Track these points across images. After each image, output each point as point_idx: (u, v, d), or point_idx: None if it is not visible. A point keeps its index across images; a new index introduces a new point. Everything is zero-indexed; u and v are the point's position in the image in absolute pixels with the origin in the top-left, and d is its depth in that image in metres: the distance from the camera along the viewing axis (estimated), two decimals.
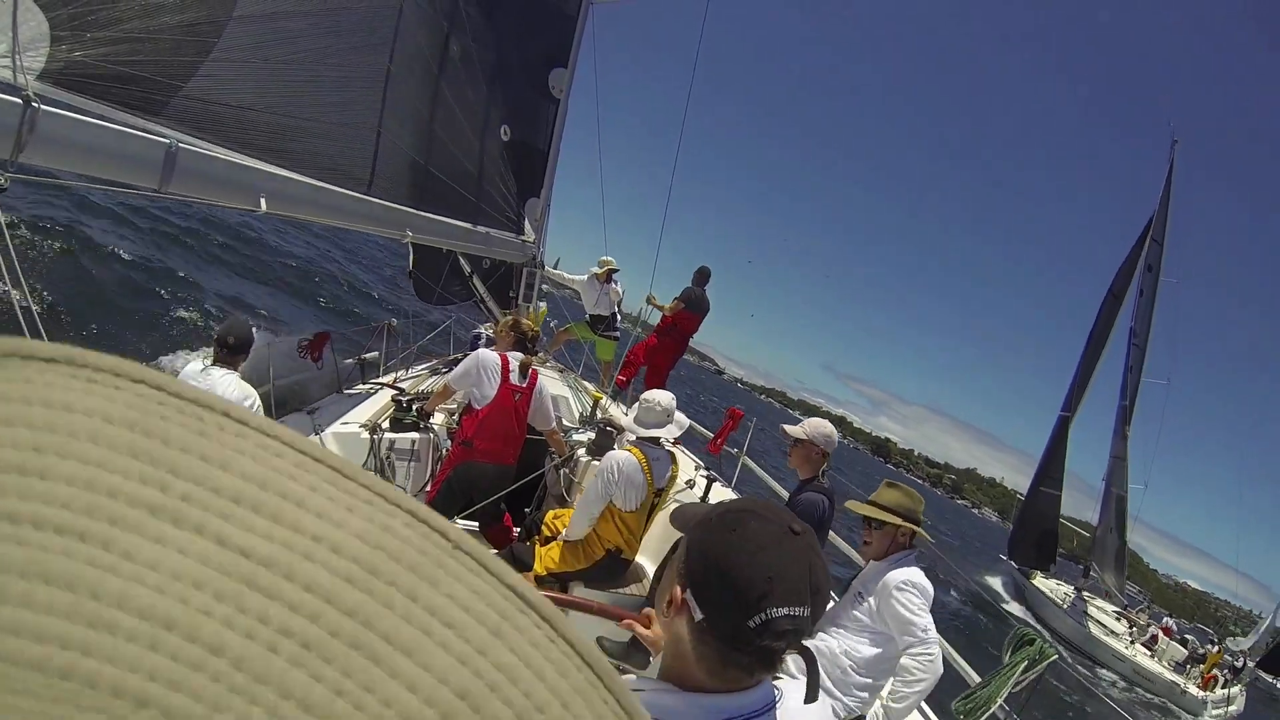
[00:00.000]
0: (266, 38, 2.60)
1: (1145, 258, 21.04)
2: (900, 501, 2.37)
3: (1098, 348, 21.55)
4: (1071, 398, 21.61)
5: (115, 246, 10.64)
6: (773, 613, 0.74)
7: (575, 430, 4.90)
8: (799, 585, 0.76)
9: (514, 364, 3.68)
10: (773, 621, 0.74)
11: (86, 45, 2.10)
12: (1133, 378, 21.39)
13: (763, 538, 0.78)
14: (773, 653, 0.77)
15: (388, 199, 3.41)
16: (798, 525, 0.80)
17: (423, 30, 3.84)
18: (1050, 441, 22.01)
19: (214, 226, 14.06)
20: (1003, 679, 2.54)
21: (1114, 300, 21.48)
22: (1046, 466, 21.84)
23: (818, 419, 3.25)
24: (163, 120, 2.26)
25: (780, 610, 0.74)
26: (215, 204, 2.35)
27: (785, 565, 0.76)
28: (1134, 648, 17.24)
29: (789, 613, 0.75)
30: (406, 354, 5.81)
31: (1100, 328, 21.59)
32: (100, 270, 9.78)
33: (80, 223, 10.75)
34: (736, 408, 4.92)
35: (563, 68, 5.50)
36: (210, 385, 2.88)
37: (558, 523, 3.63)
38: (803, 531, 0.80)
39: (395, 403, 4.18)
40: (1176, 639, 18.34)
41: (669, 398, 3.35)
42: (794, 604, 0.75)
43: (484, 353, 3.70)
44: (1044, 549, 21.37)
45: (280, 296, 12.85)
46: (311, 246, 18.05)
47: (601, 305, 7.18)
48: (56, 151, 1.95)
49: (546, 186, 5.56)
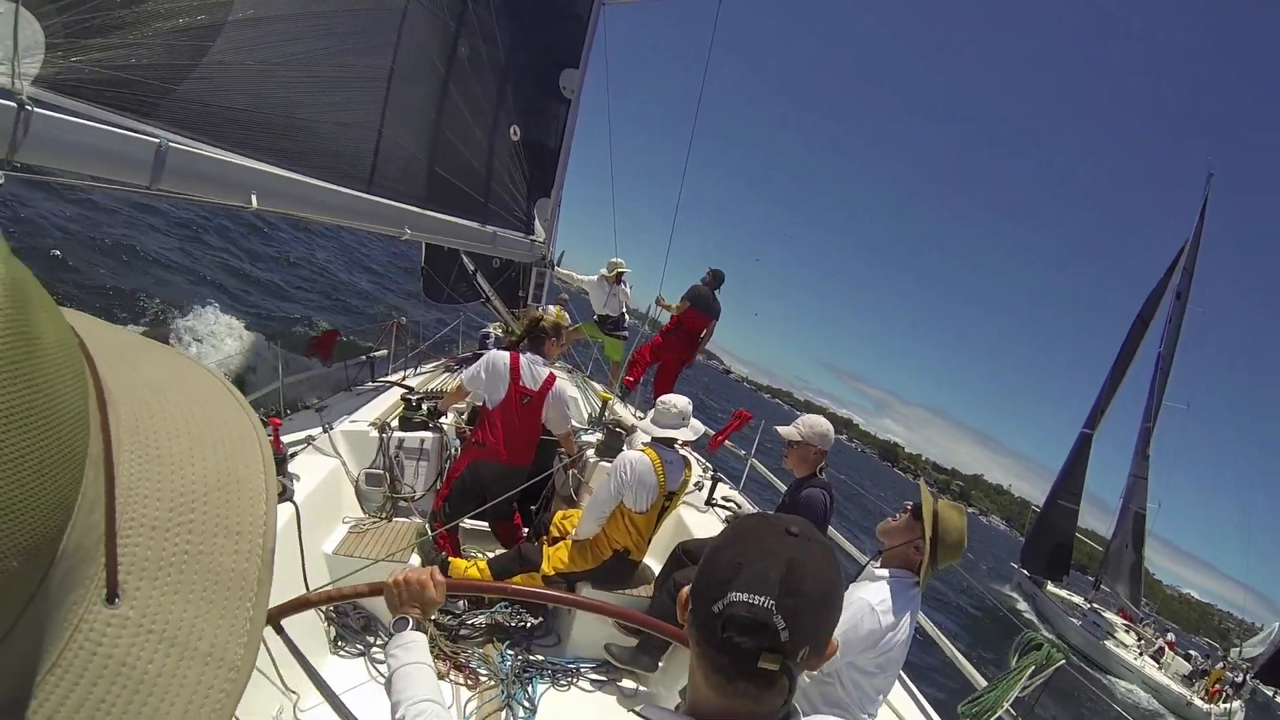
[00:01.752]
0: (262, 41, 2.68)
1: (1175, 286, 22.12)
2: (951, 527, 2.00)
3: (1123, 369, 22.74)
4: (1095, 416, 22.83)
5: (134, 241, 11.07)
6: (732, 597, 0.70)
7: (584, 431, 4.88)
8: (769, 575, 0.70)
9: (526, 370, 3.72)
10: (730, 607, 0.70)
11: (81, 52, 2.21)
12: (1155, 401, 22.28)
13: (752, 531, 0.76)
14: (739, 650, 0.70)
15: (390, 198, 3.44)
16: (796, 529, 0.75)
17: (429, 31, 3.86)
18: (1071, 456, 23.22)
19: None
20: (1009, 683, 2.50)
21: (1141, 325, 22.70)
22: (1065, 480, 22.89)
23: (812, 417, 3.16)
24: (155, 122, 2.35)
25: (739, 596, 0.70)
26: (206, 201, 2.42)
27: (761, 556, 0.72)
28: (1142, 659, 17.97)
29: (747, 599, 0.69)
30: (416, 353, 5.82)
31: (1127, 350, 22.89)
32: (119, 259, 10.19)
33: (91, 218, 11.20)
34: (744, 410, 4.88)
35: (574, 68, 5.50)
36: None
37: (565, 523, 3.62)
38: (801, 533, 0.75)
39: (404, 401, 4.20)
40: (1180, 654, 19.03)
41: (685, 401, 3.35)
42: (754, 590, 0.70)
43: (495, 354, 3.74)
44: (1057, 560, 22.34)
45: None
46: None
47: (610, 306, 7.19)
48: (50, 152, 2.04)
49: (557, 186, 5.56)
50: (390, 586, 1.30)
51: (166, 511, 0.30)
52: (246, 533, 0.33)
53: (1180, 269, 22.16)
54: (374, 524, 3.60)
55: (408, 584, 1.30)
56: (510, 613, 3.49)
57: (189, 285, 10.95)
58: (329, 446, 3.67)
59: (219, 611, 0.31)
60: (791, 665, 0.71)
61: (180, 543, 0.30)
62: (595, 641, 3.40)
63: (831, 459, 3.11)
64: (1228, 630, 42.67)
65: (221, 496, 0.33)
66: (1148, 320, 22.61)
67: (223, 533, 0.32)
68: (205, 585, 0.31)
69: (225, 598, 0.31)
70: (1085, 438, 22.83)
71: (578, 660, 3.35)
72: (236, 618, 0.31)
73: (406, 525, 3.69)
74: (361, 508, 3.78)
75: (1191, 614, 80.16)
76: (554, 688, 3.15)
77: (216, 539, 0.32)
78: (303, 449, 3.57)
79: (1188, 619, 66.27)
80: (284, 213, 2.79)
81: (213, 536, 0.32)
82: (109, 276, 9.73)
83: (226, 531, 0.32)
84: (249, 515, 0.33)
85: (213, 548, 0.31)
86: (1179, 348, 22.36)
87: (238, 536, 0.32)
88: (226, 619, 0.31)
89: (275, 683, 2.49)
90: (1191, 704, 16.41)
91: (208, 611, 0.30)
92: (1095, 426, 22.63)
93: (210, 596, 0.31)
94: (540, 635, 3.46)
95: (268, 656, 2.42)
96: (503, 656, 3.24)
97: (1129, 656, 17.93)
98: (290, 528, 2.85)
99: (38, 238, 9.53)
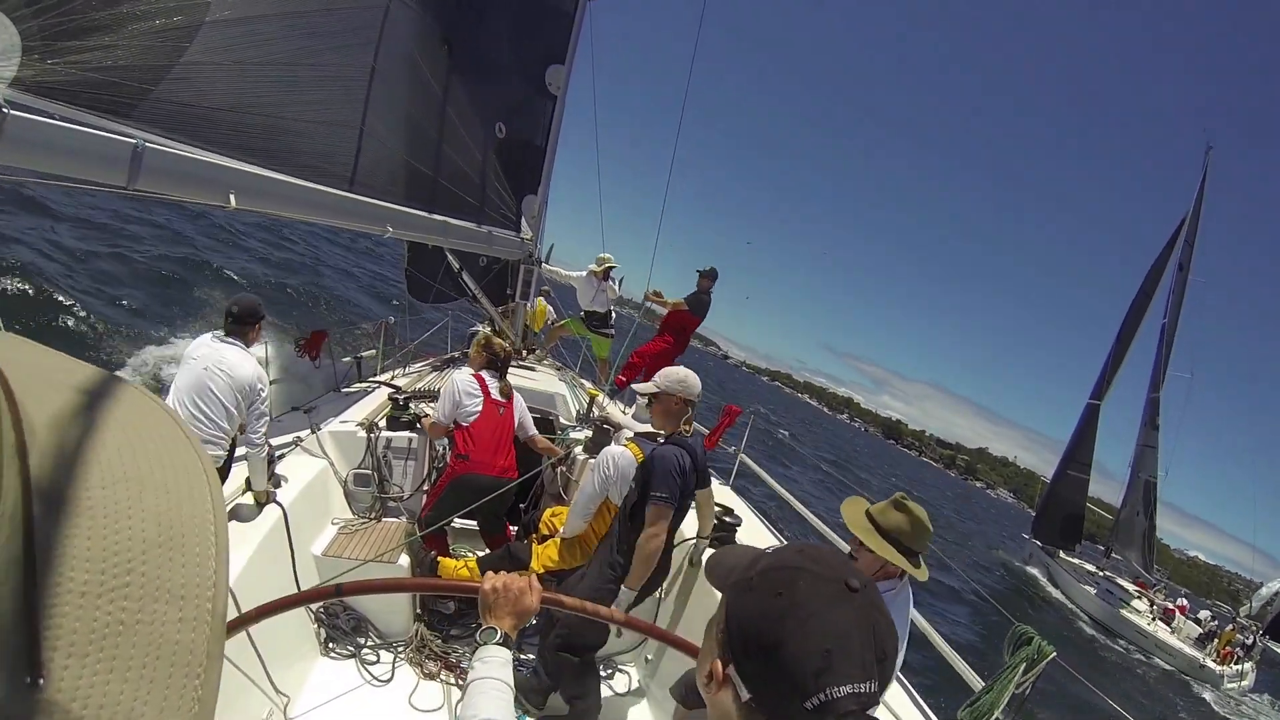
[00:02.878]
0: (239, 41, 2.68)
1: (1177, 257, 22.71)
2: (900, 529, 2.05)
3: (1127, 341, 23.38)
4: (1101, 386, 23.48)
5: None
6: (834, 692, 0.62)
7: (572, 428, 4.89)
8: (863, 655, 0.64)
9: (492, 385, 3.82)
10: (835, 703, 0.63)
11: (57, 54, 2.20)
12: (1160, 372, 22.93)
13: (815, 601, 0.66)
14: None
15: (373, 196, 3.43)
16: (856, 579, 0.68)
17: (413, 30, 3.84)
18: (1079, 427, 23.93)
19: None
20: (1004, 682, 2.50)
21: (1144, 297, 23.34)
22: (1074, 451, 23.67)
23: (671, 368, 3.02)
24: (133, 122, 2.34)
25: (843, 689, 0.63)
26: (185, 200, 2.42)
27: (845, 633, 0.64)
28: (1155, 624, 18.56)
29: (853, 690, 0.63)
30: (404, 352, 5.80)
31: (1131, 322, 23.52)
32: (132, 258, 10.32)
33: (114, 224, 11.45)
34: (733, 405, 4.89)
35: (560, 64, 5.48)
36: (217, 352, 3.06)
37: (555, 520, 3.63)
38: (862, 587, 0.68)
39: (392, 401, 4.19)
40: (1191, 618, 19.50)
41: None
42: (858, 679, 0.63)
43: (458, 377, 3.82)
44: (1069, 529, 23.17)
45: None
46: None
47: (598, 302, 7.18)
48: (26, 152, 2.03)
49: (544, 183, 5.55)
50: (488, 592, 1.21)
51: (98, 575, 0.26)
52: (193, 597, 0.29)
53: (1182, 240, 22.74)
54: (363, 524, 3.60)
55: (506, 590, 1.21)
56: None
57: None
58: (317, 447, 3.66)
59: (162, 691, 0.27)
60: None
61: (115, 611, 0.26)
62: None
63: (834, 439, 3.10)
64: (1237, 591, 43.58)
65: (164, 554, 0.28)
66: (1150, 292, 23.22)
67: (165, 598, 0.28)
68: (145, 661, 0.26)
69: (169, 674, 0.27)
70: (1093, 408, 23.60)
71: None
72: (183, 698, 0.27)
73: (395, 525, 3.69)
74: (350, 508, 3.78)
75: (1201, 577, 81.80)
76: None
77: (158, 605, 0.27)
78: (291, 450, 3.56)
79: (1198, 583, 67.67)
80: (262, 211, 2.78)
81: (153, 602, 0.27)
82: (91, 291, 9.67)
83: (169, 596, 0.28)
84: (196, 576, 0.29)
85: (153, 616, 0.27)
86: (1181, 318, 23.02)
87: (182, 601, 0.28)
88: (172, 700, 0.27)
89: (264, 686, 2.49)
90: (1205, 666, 16.95)
91: (148, 692, 0.26)
92: (1102, 397, 23.39)
93: (151, 674, 0.26)
94: (535, 635, 3.47)
95: (257, 660, 2.42)
96: None
97: (1143, 622, 18.48)
98: (279, 530, 2.85)
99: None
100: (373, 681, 3.00)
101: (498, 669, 1.08)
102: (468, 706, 1.02)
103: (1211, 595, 40.95)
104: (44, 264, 9.36)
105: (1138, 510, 22.92)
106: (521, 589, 1.22)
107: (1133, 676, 15.86)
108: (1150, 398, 22.96)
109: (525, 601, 1.21)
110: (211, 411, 2.97)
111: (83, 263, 10.23)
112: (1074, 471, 23.51)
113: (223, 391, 2.97)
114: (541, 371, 5.88)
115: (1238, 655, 17.83)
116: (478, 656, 1.11)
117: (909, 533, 2.04)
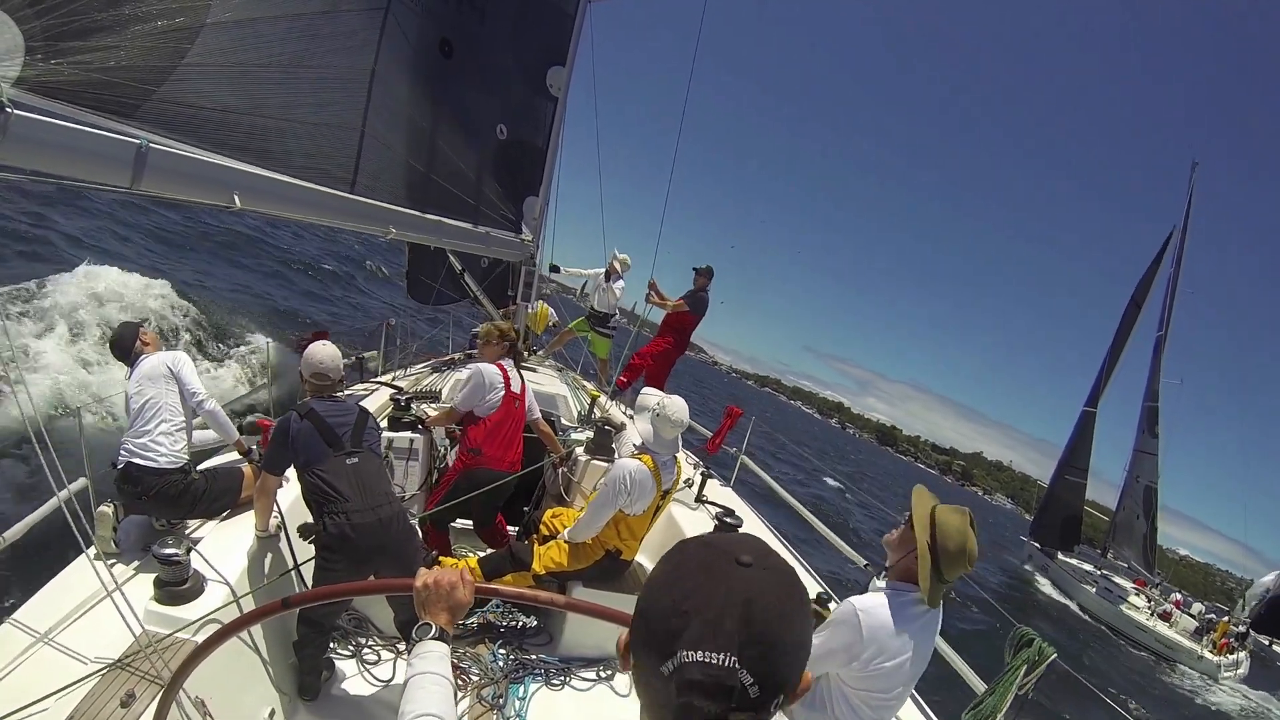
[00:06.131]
0: (240, 42, 2.69)
1: (1167, 271, 23.71)
2: (951, 530, 1.81)
3: (1118, 351, 24.38)
4: (1095, 394, 24.53)
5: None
6: (685, 656, 0.57)
7: (574, 429, 4.88)
8: (729, 628, 0.57)
9: (514, 376, 3.81)
10: (683, 668, 0.57)
11: (60, 55, 2.20)
12: (1155, 381, 23.86)
13: (694, 567, 0.62)
14: (702, 715, 0.56)
15: (374, 198, 3.44)
16: (750, 554, 0.61)
17: (413, 31, 3.85)
18: (1074, 433, 25.00)
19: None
20: (1006, 684, 2.50)
21: (1135, 308, 24.27)
22: (1071, 456, 24.59)
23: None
24: (136, 123, 2.34)
25: (694, 654, 0.56)
26: (188, 201, 2.43)
27: (713, 602, 0.58)
28: (1154, 619, 19.39)
29: (702, 659, 0.56)
30: (405, 353, 5.81)
31: (1123, 331, 24.51)
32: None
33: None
34: (735, 406, 4.90)
35: (560, 66, 5.49)
36: (133, 382, 3.01)
37: (556, 521, 3.63)
38: (755, 562, 0.61)
39: (393, 401, 4.19)
40: (1186, 612, 20.33)
41: (682, 411, 3.27)
42: (710, 648, 0.56)
43: (484, 367, 3.79)
44: (1068, 532, 24.00)
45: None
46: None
47: (602, 302, 7.19)
48: (30, 152, 2.04)
49: (545, 185, 5.56)
50: (420, 589, 1.22)
51: None
52: None
53: (1171, 254, 23.61)
54: None
55: (438, 585, 1.21)
56: (502, 612, 3.49)
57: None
58: None
59: None
60: (766, 717, 0.60)
61: None
62: (588, 641, 3.41)
63: (827, 446, 3.13)
64: (1231, 590, 43.99)
65: None
66: (1140, 302, 24.14)
67: None
68: None
69: None
70: (1088, 415, 24.55)
71: (570, 660, 3.36)
72: None
73: None
74: None
75: (1196, 578, 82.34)
76: (546, 687, 3.16)
77: None
78: None
79: (1194, 584, 68.23)
80: (267, 212, 2.80)
81: None
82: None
83: None
84: None
85: None
86: (1171, 328, 23.83)
87: None
88: None
89: (264, 685, 2.49)
90: (1203, 657, 17.68)
91: None
92: (1096, 404, 24.37)
93: None
94: (532, 635, 3.47)
95: (258, 656, 2.42)
96: (494, 656, 3.25)
97: (1142, 618, 19.28)
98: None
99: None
100: (373, 681, 3.00)
101: (435, 663, 1.09)
102: (407, 701, 1.02)
103: (1208, 597, 41.28)
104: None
105: (1136, 514, 23.55)
106: (453, 583, 1.22)
107: (1133, 672, 16.24)
108: (1148, 406, 23.68)
109: (458, 595, 1.22)
110: (167, 415, 2.94)
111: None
112: (1071, 476, 24.44)
113: (157, 396, 2.94)
114: (543, 373, 5.89)
115: (1233, 645, 18.45)
116: (415, 653, 1.12)
117: (954, 549, 1.81)
